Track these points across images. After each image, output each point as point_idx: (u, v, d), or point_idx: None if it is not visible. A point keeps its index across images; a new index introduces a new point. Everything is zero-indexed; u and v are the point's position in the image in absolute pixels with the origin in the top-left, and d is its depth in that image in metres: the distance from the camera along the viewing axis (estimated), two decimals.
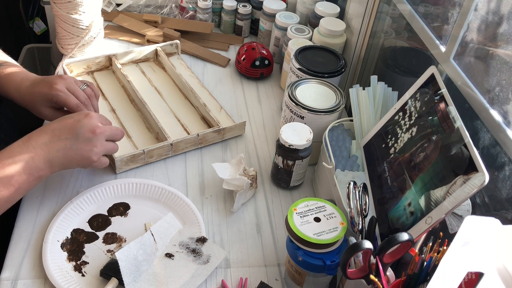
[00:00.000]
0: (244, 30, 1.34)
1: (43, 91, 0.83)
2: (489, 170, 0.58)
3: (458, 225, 0.65)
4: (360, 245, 0.58)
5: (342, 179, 0.83)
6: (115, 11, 1.34)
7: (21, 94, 0.85)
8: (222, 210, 0.87)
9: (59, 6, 1.07)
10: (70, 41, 1.13)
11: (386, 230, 0.69)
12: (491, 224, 0.50)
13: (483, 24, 0.73)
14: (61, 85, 0.83)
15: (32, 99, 0.84)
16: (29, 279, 0.72)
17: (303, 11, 1.24)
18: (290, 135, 0.84)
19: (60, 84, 0.83)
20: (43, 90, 0.83)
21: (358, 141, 0.88)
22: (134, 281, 0.70)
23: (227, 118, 1.05)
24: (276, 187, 0.93)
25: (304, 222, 0.68)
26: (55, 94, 0.82)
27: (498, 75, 0.70)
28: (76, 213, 0.81)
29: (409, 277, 0.59)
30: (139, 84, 1.08)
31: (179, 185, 0.90)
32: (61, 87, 0.83)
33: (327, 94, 0.92)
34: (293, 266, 0.71)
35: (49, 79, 0.84)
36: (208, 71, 1.21)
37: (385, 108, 0.88)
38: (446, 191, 0.61)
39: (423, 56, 0.90)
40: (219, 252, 0.77)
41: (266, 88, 1.18)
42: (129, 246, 0.73)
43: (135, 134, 0.98)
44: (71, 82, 0.85)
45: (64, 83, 0.84)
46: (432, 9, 0.88)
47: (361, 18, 1.07)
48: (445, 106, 0.68)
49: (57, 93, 0.82)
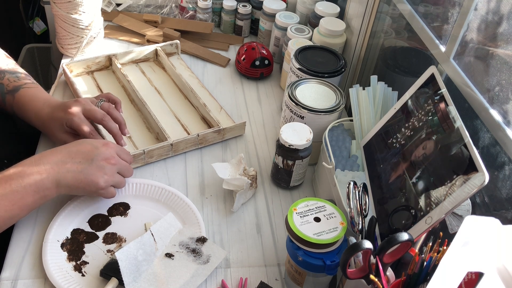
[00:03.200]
0: (244, 30, 1.34)
1: (60, 116, 0.84)
2: (489, 170, 0.58)
3: (458, 225, 0.65)
4: (360, 245, 0.58)
5: (342, 179, 0.83)
6: (115, 11, 1.33)
7: (41, 120, 0.87)
8: (222, 210, 0.87)
9: (59, 6, 1.07)
10: (70, 41, 1.13)
11: (386, 230, 0.69)
12: (491, 224, 0.50)
13: (483, 24, 0.73)
14: (76, 108, 0.84)
15: (50, 124, 0.86)
16: (29, 279, 0.72)
17: (303, 11, 1.24)
18: (290, 135, 0.84)
19: (74, 108, 0.84)
20: (59, 115, 0.84)
21: (358, 141, 0.88)
22: (134, 281, 0.70)
23: (227, 118, 1.05)
24: (276, 187, 0.93)
25: (304, 222, 0.68)
26: (69, 119, 0.83)
27: (498, 75, 0.70)
28: (76, 213, 0.81)
29: (409, 277, 0.59)
30: (139, 84, 1.08)
31: (179, 185, 0.90)
32: (76, 111, 0.84)
33: (327, 94, 0.92)
34: (293, 266, 0.71)
35: (66, 104, 0.86)
36: (208, 71, 1.21)
37: (385, 108, 0.88)
38: (446, 191, 0.61)
39: (423, 56, 0.90)
40: (219, 252, 0.77)
41: (266, 88, 1.18)
42: (129, 246, 0.73)
43: (135, 134, 0.98)
44: (86, 103, 0.86)
45: (80, 106, 0.85)
46: (432, 9, 0.88)
47: (361, 18, 1.07)
48: (445, 106, 0.68)
49: (71, 118, 0.83)
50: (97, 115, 0.85)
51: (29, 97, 0.88)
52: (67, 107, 0.85)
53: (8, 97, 0.89)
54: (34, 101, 0.88)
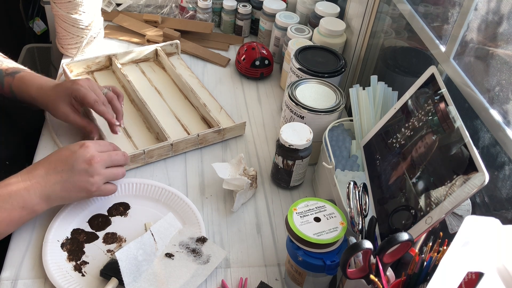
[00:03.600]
0: (244, 30, 1.34)
1: (67, 86, 0.87)
2: (489, 170, 0.58)
3: (458, 225, 0.65)
4: (360, 245, 0.58)
5: (342, 179, 0.83)
6: (115, 11, 1.33)
7: (43, 91, 0.88)
8: (222, 210, 0.87)
9: (59, 6, 1.07)
10: (70, 41, 1.13)
11: (386, 230, 0.69)
12: (491, 224, 0.50)
13: (483, 23, 0.73)
14: (83, 82, 0.88)
15: (54, 94, 0.87)
16: (29, 279, 0.72)
17: (303, 11, 1.24)
18: (290, 135, 0.84)
19: (82, 81, 0.88)
20: (67, 85, 0.87)
21: (358, 141, 0.88)
22: (134, 281, 0.70)
23: (227, 118, 1.05)
24: (276, 187, 0.93)
25: (304, 222, 0.68)
26: (76, 88, 0.85)
27: (498, 75, 0.70)
28: (76, 213, 0.81)
29: (409, 277, 0.59)
30: (139, 84, 1.08)
31: (179, 185, 0.90)
32: (83, 83, 0.87)
33: (327, 94, 0.92)
34: (293, 266, 0.71)
35: (74, 79, 0.90)
36: (208, 71, 1.21)
37: (385, 108, 0.88)
38: (446, 191, 0.61)
39: (423, 56, 0.90)
40: (219, 252, 0.77)
41: (266, 88, 1.18)
42: (129, 246, 0.73)
43: (135, 134, 0.98)
44: (94, 83, 0.90)
45: (87, 82, 0.88)
46: (432, 9, 0.88)
47: (361, 18, 1.07)
48: (445, 106, 0.68)
49: (78, 87, 0.86)
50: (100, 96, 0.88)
51: (31, 76, 0.90)
52: (76, 80, 0.88)
53: (7, 79, 0.89)
54: (36, 78, 0.90)
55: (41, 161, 0.75)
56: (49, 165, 0.74)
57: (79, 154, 0.74)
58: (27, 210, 0.72)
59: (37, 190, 0.72)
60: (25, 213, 0.72)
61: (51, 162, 0.74)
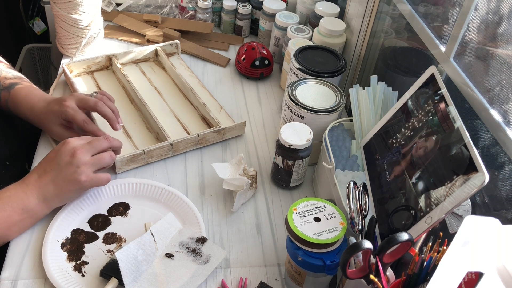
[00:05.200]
0: (244, 30, 1.34)
1: (55, 109, 0.87)
2: (489, 170, 0.58)
3: (458, 225, 0.65)
4: (360, 245, 0.58)
5: (342, 179, 0.83)
6: (115, 11, 1.33)
7: (36, 115, 0.89)
8: (222, 210, 0.87)
9: (59, 6, 1.07)
10: (70, 41, 1.13)
11: (386, 230, 0.69)
12: (491, 224, 0.50)
13: (483, 24, 0.73)
14: (70, 101, 0.87)
15: (46, 117, 0.88)
16: (29, 279, 0.72)
17: (303, 11, 1.24)
18: (290, 135, 0.84)
19: (69, 101, 0.87)
20: (54, 108, 0.87)
21: (358, 141, 0.88)
22: (134, 281, 0.70)
23: (227, 118, 1.05)
24: (276, 187, 0.93)
25: (304, 222, 0.68)
26: (64, 111, 0.85)
27: (498, 75, 0.70)
28: (76, 213, 0.81)
29: (409, 277, 0.59)
30: (139, 84, 1.08)
31: (179, 185, 0.90)
32: (70, 103, 0.86)
33: (327, 94, 0.92)
34: (293, 266, 0.71)
35: (61, 98, 0.88)
36: (208, 71, 1.21)
37: (385, 108, 0.88)
38: (446, 191, 0.61)
39: (423, 56, 0.90)
40: (219, 252, 0.77)
41: (266, 88, 1.18)
42: (129, 246, 0.73)
43: (135, 134, 0.98)
44: (79, 95, 0.89)
45: (74, 98, 0.87)
46: (432, 9, 0.88)
47: (361, 18, 1.07)
48: (445, 106, 0.68)
49: (66, 109, 0.85)
50: (90, 102, 0.87)
51: (25, 93, 0.90)
52: (61, 100, 0.87)
53: (3, 93, 0.90)
54: (29, 96, 0.90)
55: (34, 169, 0.79)
56: (39, 169, 0.77)
57: (62, 151, 0.77)
58: (27, 212, 0.74)
59: (34, 192, 0.75)
60: (26, 216, 0.74)
61: (41, 166, 0.78)
